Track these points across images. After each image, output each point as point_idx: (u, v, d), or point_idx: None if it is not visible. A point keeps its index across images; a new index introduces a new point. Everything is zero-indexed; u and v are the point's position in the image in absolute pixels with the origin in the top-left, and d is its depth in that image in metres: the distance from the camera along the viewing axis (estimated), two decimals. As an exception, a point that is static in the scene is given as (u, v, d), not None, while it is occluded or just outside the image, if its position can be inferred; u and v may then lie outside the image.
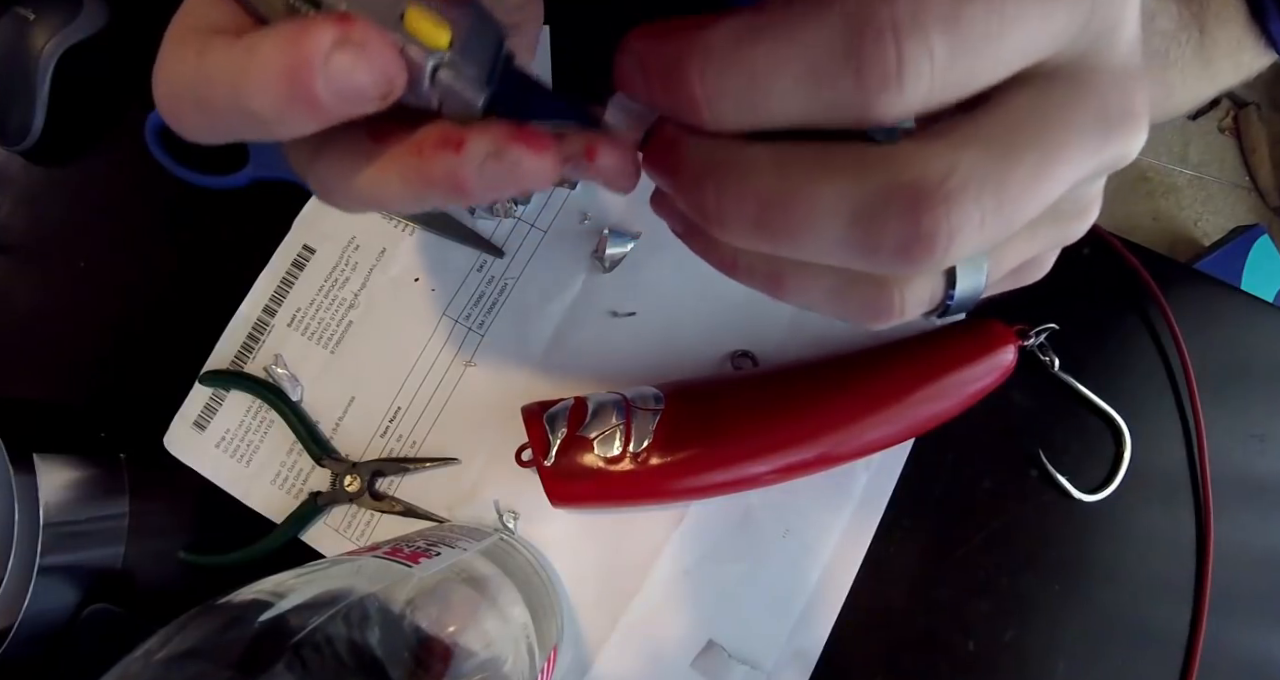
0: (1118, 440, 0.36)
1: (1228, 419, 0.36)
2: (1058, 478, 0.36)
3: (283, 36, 0.14)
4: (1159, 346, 0.37)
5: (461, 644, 0.24)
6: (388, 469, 0.38)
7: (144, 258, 0.43)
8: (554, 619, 0.34)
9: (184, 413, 0.40)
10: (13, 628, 0.34)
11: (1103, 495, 0.36)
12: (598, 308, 0.38)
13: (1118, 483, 0.36)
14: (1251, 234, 1.16)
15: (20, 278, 0.44)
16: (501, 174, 0.16)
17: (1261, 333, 0.37)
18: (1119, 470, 0.36)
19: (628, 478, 0.31)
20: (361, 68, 0.15)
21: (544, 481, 0.32)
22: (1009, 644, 0.35)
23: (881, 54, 0.12)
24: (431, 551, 0.28)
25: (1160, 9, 0.23)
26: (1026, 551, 0.36)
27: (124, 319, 0.43)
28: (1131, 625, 0.35)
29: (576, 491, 0.32)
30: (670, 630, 0.36)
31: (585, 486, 0.32)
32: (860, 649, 0.35)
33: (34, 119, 0.43)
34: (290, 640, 0.19)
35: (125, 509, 0.40)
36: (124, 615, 0.38)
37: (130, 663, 0.19)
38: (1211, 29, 0.26)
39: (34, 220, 0.45)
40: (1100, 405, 0.36)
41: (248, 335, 0.40)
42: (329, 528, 0.38)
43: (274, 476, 0.39)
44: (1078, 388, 0.36)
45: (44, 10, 0.43)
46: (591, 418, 0.32)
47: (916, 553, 0.36)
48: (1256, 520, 0.36)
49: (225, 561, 0.38)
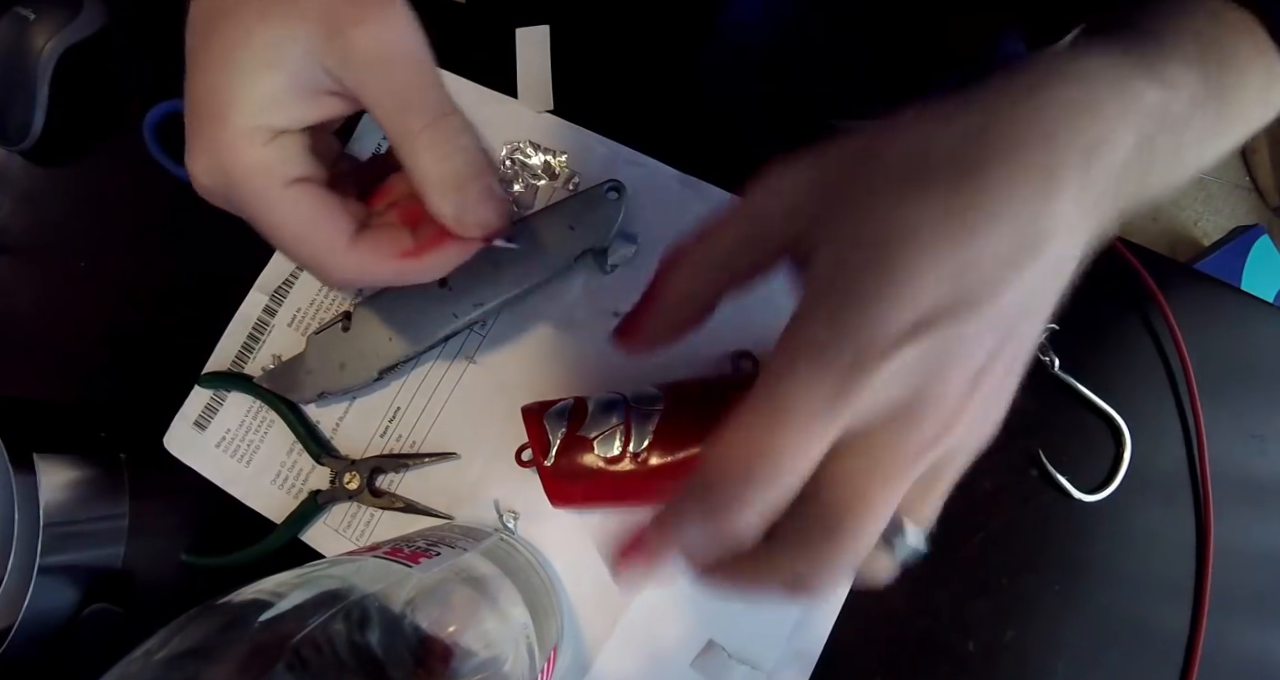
0: (1118, 440, 0.36)
1: (1228, 419, 0.36)
2: (1058, 478, 0.36)
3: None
4: (1159, 347, 0.37)
5: (461, 644, 0.24)
6: (387, 466, 0.38)
7: (144, 258, 0.43)
8: (554, 619, 0.34)
9: (184, 413, 0.40)
10: (13, 628, 0.34)
11: (1103, 495, 0.36)
12: (598, 308, 0.38)
13: (1118, 483, 0.36)
14: (1251, 234, 1.16)
15: (20, 278, 0.44)
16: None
17: (1261, 333, 0.37)
18: (1119, 470, 0.36)
19: (628, 478, 0.31)
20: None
21: (544, 482, 0.32)
22: (1009, 644, 0.35)
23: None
24: (431, 551, 0.28)
25: (1170, 96, 0.22)
26: (1026, 551, 0.36)
27: (124, 319, 0.43)
28: (1131, 625, 0.35)
29: (576, 492, 0.32)
30: (670, 630, 0.35)
31: (585, 487, 0.32)
32: (860, 649, 0.35)
33: (34, 119, 0.43)
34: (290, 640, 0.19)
35: (125, 509, 0.40)
36: (124, 615, 0.38)
37: (130, 663, 0.19)
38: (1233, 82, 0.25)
39: (34, 220, 0.45)
40: (1100, 405, 0.36)
41: (248, 335, 0.40)
42: (329, 527, 0.38)
43: (274, 476, 0.39)
44: (1077, 387, 0.36)
45: (44, 10, 0.43)
46: (591, 418, 0.32)
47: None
48: (1256, 520, 0.36)
49: (225, 562, 0.38)
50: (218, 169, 0.23)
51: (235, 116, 0.22)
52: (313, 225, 0.24)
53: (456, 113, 0.23)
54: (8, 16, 0.42)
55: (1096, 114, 0.20)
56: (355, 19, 0.22)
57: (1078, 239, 0.20)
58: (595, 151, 0.40)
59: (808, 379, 0.18)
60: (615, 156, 0.39)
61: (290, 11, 0.22)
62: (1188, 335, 0.36)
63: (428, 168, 0.23)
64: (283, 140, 0.23)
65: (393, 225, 0.25)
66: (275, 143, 0.23)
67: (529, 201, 0.40)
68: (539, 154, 0.40)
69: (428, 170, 0.23)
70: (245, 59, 0.22)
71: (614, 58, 0.41)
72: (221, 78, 0.22)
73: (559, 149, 0.40)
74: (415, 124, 0.22)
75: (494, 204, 0.24)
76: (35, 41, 0.42)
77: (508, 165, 0.40)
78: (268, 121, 0.23)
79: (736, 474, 0.18)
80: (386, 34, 0.22)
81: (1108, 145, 0.20)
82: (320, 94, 0.24)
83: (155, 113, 0.41)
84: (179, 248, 0.43)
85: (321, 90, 0.23)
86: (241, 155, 0.23)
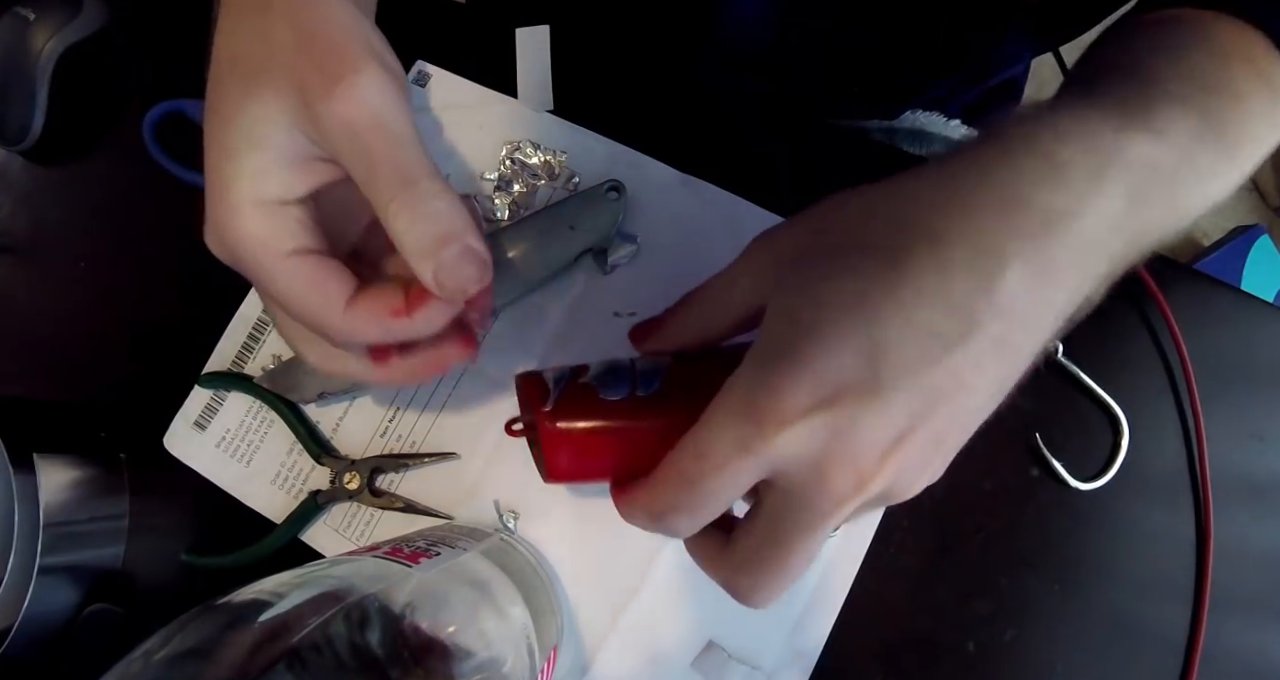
0: (1115, 429, 0.36)
1: (1228, 419, 0.36)
2: (1054, 464, 0.36)
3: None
4: (1159, 346, 0.37)
5: (461, 644, 0.24)
6: (387, 466, 0.38)
7: (144, 258, 0.43)
8: (554, 619, 0.34)
9: (184, 412, 0.40)
10: (13, 628, 0.34)
11: (1099, 484, 0.36)
12: (598, 308, 0.38)
13: (1114, 473, 0.36)
14: (1251, 234, 1.16)
15: (20, 278, 0.44)
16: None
17: (1261, 333, 0.37)
18: (1115, 460, 0.36)
19: (635, 423, 0.27)
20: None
21: (541, 433, 0.27)
22: (1009, 644, 0.35)
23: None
24: (431, 551, 0.28)
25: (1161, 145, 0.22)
26: (1026, 551, 0.36)
27: (124, 319, 0.43)
28: (1131, 625, 0.35)
29: (576, 441, 0.27)
30: (670, 630, 0.35)
31: (585, 436, 0.27)
32: (860, 649, 0.35)
33: (34, 119, 0.43)
34: (290, 640, 0.19)
35: (125, 509, 0.40)
36: (124, 615, 0.38)
37: (130, 663, 0.19)
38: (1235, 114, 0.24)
39: (34, 220, 0.45)
40: (1099, 393, 0.36)
41: (248, 335, 0.40)
42: (329, 527, 0.38)
43: (274, 476, 0.39)
44: (1079, 375, 0.36)
45: (44, 10, 0.43)
46: (595, 370, 0.28)
47: (916, 553, 0.36)
48: (1256, 520, 0.36)
49: (226, 563, 0.38)
50: (220, 242, 0.25)
51: (231, 194, 0.24)
52: (308, 295, 0.24)
53: (428, 177, 0.23)
54: (8, 16, 0.42)
55: (1063, 185, 0.20)
56: (322, 93, 0.22)
57: (1033, 314, 0.20)
58: (595, 151, 0.40)
59: (723, 427, 0.21)
60: (615, 156, 0.39)
61: (267, 90, 0.23)
62: (1188, 335, 0.36)
63: (402, 233, 0.23)
64: (281, 212, 0.24)
65: (390, 283, 0.26)
66: (273, 216, 0.24)
67: (529, 201, 0.40)
68: (539, 154, 0.40)
69: (402, 235, 0.23)
70: (234, 139, 0.23)
71: (614, 58, 0.41)
72: (217, 158, 0.24)
73: (559, 149, 0.40)
74: (386, 192, 0.23)
75: (468, 268, 0.23)
76: (35, 41, 0.42)
77: (508, 165, 0.40)
78: (260, 195, 0.24)
79: (670, 493, 0.22)
80: (351, 106, 0.22)
81: (1073, 216, 0.20)
82: (310, 162, 0.24)
83: (155, 113, 0.41)
84: (179, 248, 0.42)
85: (311, 158, 0.24)
86: (239, 229, 0.24)
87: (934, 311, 0.19)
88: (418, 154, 0.23)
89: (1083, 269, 0.21)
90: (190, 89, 0.41)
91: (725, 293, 0.25)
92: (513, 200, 0.40)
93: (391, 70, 0.24)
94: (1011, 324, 0.20)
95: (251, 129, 0.23)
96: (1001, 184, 0.20)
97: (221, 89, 0.24)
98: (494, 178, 0.40)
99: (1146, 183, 0.21)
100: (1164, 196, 0.22)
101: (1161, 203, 0.22)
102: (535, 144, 0.40)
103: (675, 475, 0.22)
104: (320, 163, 0.25)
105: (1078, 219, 0.20)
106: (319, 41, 0.23)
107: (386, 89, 0.23)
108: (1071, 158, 0.20)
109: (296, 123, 0.23)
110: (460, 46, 0.41)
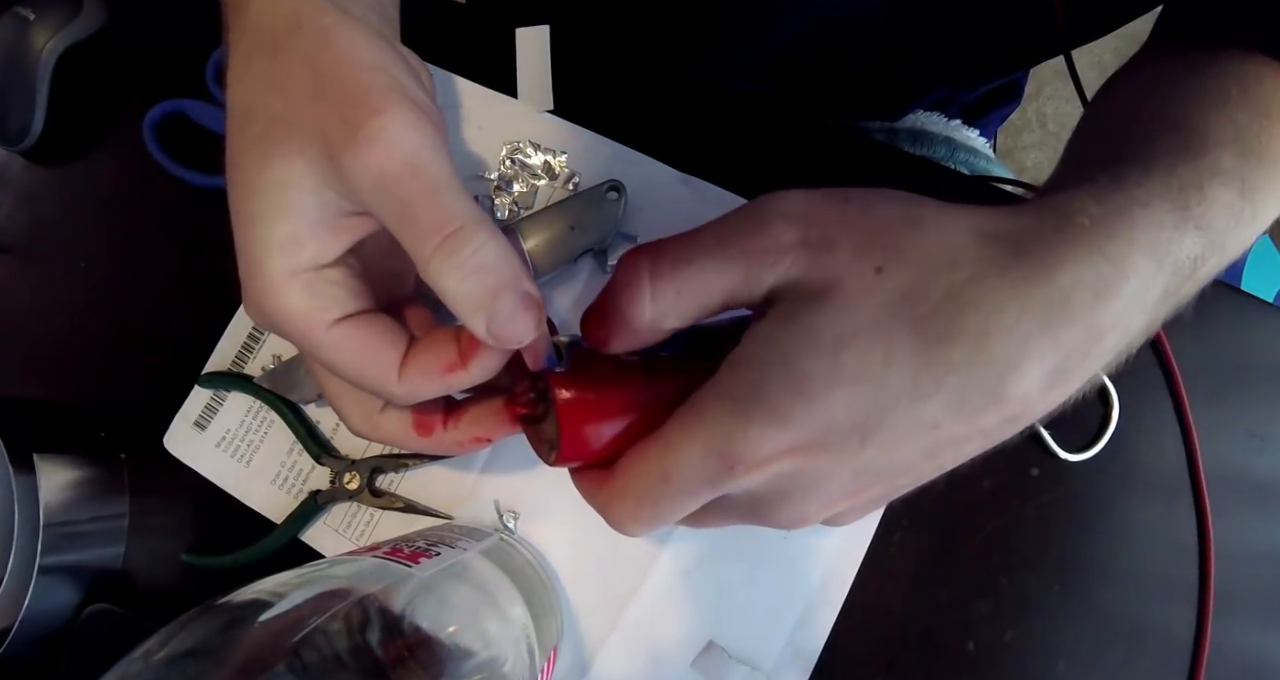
0: (1105, 403, 0.36)
1: (1227, 419, 0.36)
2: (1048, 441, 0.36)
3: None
4: (1157, 346, 0.37)
5: (461, 644, 0.24)
6: (387, 466, 0.38)
7: (144, 258, 0.43)
8: (554, 619, 0.34)
9: (184, 413, 0.40)
10: (13, 628, 0.34)
11: (1091, 453, 0.36)
12: (598, 308, 0.38)
13: (1104, 443, 0.36)
14: (1251, 234, 1.15)
15: (20, 278, 0.44)
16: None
17: (1261, 333, 0.37)
18: (1105, 433, 0.36)
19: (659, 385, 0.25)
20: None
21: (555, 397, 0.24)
22: (1009, 644, 0.35)
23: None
24: (431, 551, 0.28)
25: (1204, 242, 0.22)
26: (1026, 551, 0.36)
27: (124, 319, 0.43)
28: (1131, 625, 0.35)
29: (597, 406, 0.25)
30: (670, 630, 0.36)
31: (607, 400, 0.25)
32: (860, 649, 0.35)
33: (34, 119, 0.43)
34: (290, 640, 0.19)
35: (125, 509, 0.40)
36: (124, 615, 0.38)
37: (130, 663, 0.19)
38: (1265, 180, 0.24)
39: (34, 220, 0.45)
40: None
41: (248, 335, 0.40)
42: (329, 527, 0.38)
43: (274, 476, 0.39)
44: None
45: (44, 10, 0.43)
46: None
47: (916, 553, 0.36)
48: (1256, 520, 0.36)
49: (226, 563, 0.38)
50: (260, 314, 0.23)
51: (265, 268, 0.22)
52: (359, 364, 0.23)
53: (473, 222, 0.21)
54: (8, 16, 0.42)
55: (1116, 299, 0.20)
56: (345, 143, 0.20)
57: (1038, 411, 0.20)
58: (595, 151, 0.40)
59: (695, 459, 0.20)
60: (615, 156, 0.39)
61: (288, 150, 0.21)
62: (1188, 336, 0.36)
63: (448, 288, 0.21)
64: (319, 280, 0.23)
65: (443, 333, 0.24)
66: (312, 286, 0.23)
67: (529, 201, 0.40)
68: (539, 154, 0.40)
69: (448, 290, 0.21)
70: (259, 207, 0.22)
71: (614, 58, 0.41)
72: (245, 225, 0.22)
73: (559, 149, 0.40)
74: (427, 242, 0.20)
75: (524, 318, 0.21)
76: (35, 41, 0.42)
77: (508, 165, 0.40)
78: (296, 265, 0.22)
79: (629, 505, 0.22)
80: (378, 154, 0.20)
81: (1113, 331, 0.20)
82: (345, 218, 0.23)
83: (155, 113, 0.41)
84: (179, 248, 0.43)
85: (345, 214, 0.22)
86: (279, 304, 0.22)
87: (944, 408, 0.19)
88: (457, 198, 0.21)
89: (1101, 363, 0.21)
90: (190, 89, 0.41)
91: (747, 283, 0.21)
92: (513, 200, 0.40)
93: (421, 106, 0.21)
94: (1010, 421, 0.20)
95: (277, 196, 0.22)
96: (1062, 294, 0.19)
97: (239, 146, 0.22)
98: (494, 178, 0.40)
99: (1181, 275, 0.21)
100: (1193, 285, 0.23)
101: (1189, 290, 0.23)
102: (535, 144, 0.40)
103: (637, 491, 0.21)
104: (356, 217, 0.23)
105: (1115, 332, 0.20)
106: (336, 84, 0.21)
107: (416, 129, 0.21)
108: (1135, 266, 0.20)
109: (325, 181, 0.21)
110: (460, 46, 0.41)
